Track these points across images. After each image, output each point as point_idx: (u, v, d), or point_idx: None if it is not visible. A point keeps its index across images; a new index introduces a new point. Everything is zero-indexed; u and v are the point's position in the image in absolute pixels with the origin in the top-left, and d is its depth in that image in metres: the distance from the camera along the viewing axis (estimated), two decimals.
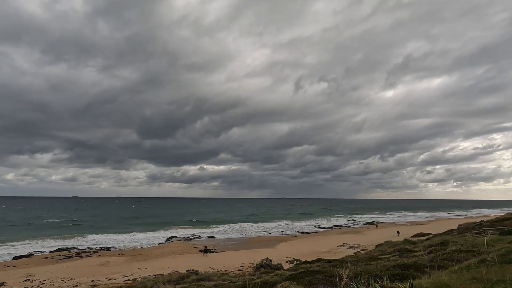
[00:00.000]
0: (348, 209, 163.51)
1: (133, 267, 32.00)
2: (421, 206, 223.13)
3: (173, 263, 33.28)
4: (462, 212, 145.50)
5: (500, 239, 15.54)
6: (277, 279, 11.22)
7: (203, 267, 28.06)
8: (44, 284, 26.08)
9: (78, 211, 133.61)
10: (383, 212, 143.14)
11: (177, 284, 15.59)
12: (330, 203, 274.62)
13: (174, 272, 25.04)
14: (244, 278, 14.10)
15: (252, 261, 30.44)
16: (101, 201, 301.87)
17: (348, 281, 7.50)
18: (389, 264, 12.68)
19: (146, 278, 20.43)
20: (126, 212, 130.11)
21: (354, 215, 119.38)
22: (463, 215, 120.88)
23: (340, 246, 43.16)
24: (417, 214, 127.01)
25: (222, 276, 16.94)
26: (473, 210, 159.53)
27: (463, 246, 15.45)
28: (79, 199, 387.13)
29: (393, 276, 9.12)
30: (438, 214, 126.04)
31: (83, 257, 39.35)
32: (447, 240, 20.96)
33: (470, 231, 30.44)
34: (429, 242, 22.86)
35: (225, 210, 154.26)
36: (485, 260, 8.70)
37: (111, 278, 27.22)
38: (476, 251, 12.69)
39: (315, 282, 10.39)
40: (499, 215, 53.08)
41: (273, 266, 20.00)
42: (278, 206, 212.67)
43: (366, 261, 15.47)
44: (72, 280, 27.12)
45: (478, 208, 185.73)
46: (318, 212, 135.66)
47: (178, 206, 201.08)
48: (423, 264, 11.26)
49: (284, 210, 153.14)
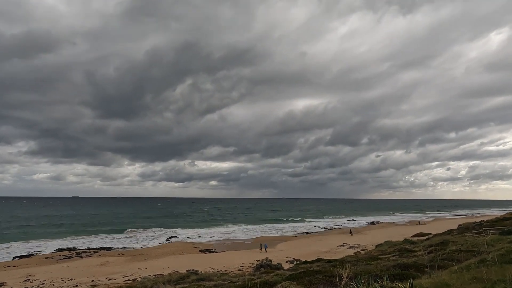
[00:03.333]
0: (349, 209, 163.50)
1: (133, 267, 31.99)
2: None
3: (173, 263, 33.28)
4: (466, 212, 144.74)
5: (500, 239, 15.53)
6: (277, 279, 11.22)
7: (203, 267, 28.05)
8: (44, 284, 26.07)
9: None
10: (395, 212, 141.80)
11: (177, 284, 15.58)
12: (332, 203, 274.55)
13: (174, 272, 25.02)
14: (244, 278, 14.08)
15: (252, 261, 30.46)
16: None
17: (348, 281, 7.49)
18: (389, 264, 12.67)
19: (146, 278, 20.41)
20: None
21: (355, 215, 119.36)
22: (463, 215, 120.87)
23: (340, 246, 43.15)
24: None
25: (222, 276, 16.93)
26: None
27: (463, 246, 15.43)
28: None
29: (393, 276, 9.12)
30: (440, 214, 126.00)
31: (83, 257, 39.35)
32: (447, 240, 20.93)
33: (470, 231, 30.40)
34: (429, 242, 22.83)
35: (225, 210, 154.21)
36: (485, 260, 8.69)
37: (111, 278, 27.21)
38: (476, 251, 12.67)
39: (315, 282, 10.38)
40: (499, 215, 53.09)
41: (273, 266, 19.97)
42: (278, 206, 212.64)
43: (366, 261, 15.46)
44: (72, 280, 27.11)
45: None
46: (319, 212, 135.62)
47: (167, 206, 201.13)
48: (423, 264, 11.25)
49: (284, 210, 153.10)
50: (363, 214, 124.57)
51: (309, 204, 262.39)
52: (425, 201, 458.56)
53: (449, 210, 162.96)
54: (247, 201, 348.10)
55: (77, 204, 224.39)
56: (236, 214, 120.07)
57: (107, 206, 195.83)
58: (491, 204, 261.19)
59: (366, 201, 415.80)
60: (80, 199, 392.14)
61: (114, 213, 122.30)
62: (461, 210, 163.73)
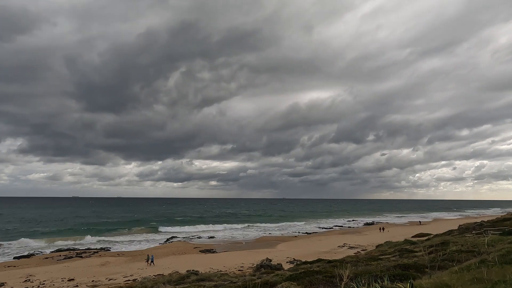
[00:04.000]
0: (350, 210, 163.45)
1: (133, 267, 31.99)
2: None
3: (173, 263, 33.28)
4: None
5: (500, 240, 15.52)
6: (277, 280, 11.21)
7: (203, 267, 28.04)
8: (45, 285, 26.07)
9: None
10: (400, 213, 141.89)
11: (177, 284, 15.58)
12: (332, 203, 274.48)
13: (174, 272, 25.01)
14: (245, 279, 14.08)
15: (252, 262, 30.43)
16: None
17: (349, 282, 7.49)
18: (389, 264, 12.66)
19: (146, 279, 20.42)
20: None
21: (355, 216, 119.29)
22: (464, 215, 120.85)
23: (341, 246, 43.13)
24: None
25: (222, 276, 16.92)
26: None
27: (463, 246, 15.42)
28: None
29: (393, 276, 9.11)
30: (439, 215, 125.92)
31: (83, 257, 39.36)
32: (447, 240, 20.92)
33: (470, 231, 30.38)
34: (429, 242, 22.82)
35: (225, 210, 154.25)
36: (486, 261, 8.69)
37: (111, 278, 27.22)
38: (477, 252, 12.67)
39: (316, 283, 10.37)
40: (500, 215, 53.07)
41: (273, 267, 19.96)
42: (278, 206, 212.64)
43: (366, 261, 15.45)
44: (72, 280, 27.11)
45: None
46: (319, 212, 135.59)
47: (165, 206, 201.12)
48: (424, 264, 11.24)
49: (284, 210, 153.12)
50: (363, 215, 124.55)
51: (309, 204, 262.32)
52: (427, 201, 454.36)
53: (449, 210, 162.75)
54: (247, 201, 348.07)
55: (78, 204, 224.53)
56: (236, 214, 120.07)
57: (107, 206, 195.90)
58: (494, 204, 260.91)
59: (367, 202, 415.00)
60: (81, 199, 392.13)
61: (114, 213, 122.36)
62: (461, 210, 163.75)
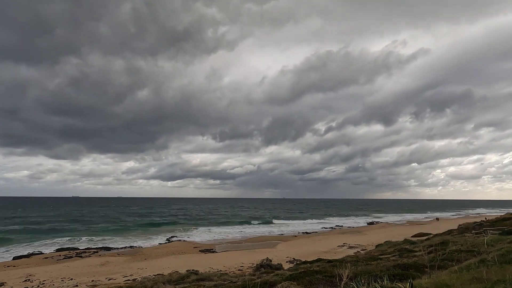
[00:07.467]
0: (350, 210, 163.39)
1: (133, 267, 31.98)
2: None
3: (173, 263, 33.28)
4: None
5: (500, 239, 15.53)
6: (277, 279, 11.22)
7: (203, 267, 28.06)
8: (44, 284, 26.07)
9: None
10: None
11: (177, 284, 15.59)
12: (332, 203, 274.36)
13: (174, 272, 25.01)
14: (244, 278, 14.09)
15: (252, 261, 30.46)
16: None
17: (348, 281, 7.50)
18: (389, 264, 12.67)
19: (146, 278, 20.42)
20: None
21: (355, 216, 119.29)
22: (464, 214, 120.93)
23: (340, 246, 43.14)
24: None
25: (222, 276, 16.93)
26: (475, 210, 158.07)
27: (463, 246, 15.44)
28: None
29: (393, 276, 9.12)
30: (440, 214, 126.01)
31: (83, 257, 39.34)
32: (447, 240, 20.95)
33: (470, 231, 30.43)
34: (429, 242, 22.84)
35: (224, 210, 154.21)
36: (485, 260, 8.70)
37: (111, 278, 27.22)
38: (476, 251, 12.69)
39: (315, 282, 10.38)
40: (499, 215, 53.10)
41: (273, 266, 19.98)
42: (278, 206, 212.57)
43: (366, 261, 15.46)
44: (72, 280, 27.11)
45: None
46: (319, 212, 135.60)
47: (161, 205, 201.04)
48: (423, 264, 11.26)
49: (284, 210, 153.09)
50: (363, 215, 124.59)
51: (309, 204, 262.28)
52: (434, 201, 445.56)
53: (450, 210, 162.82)
54: (247, 201, 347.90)
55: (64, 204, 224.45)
56: (235, 214, 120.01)
57: (100, 205, 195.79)
58: (497, 204, 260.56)
59: (368, 202, 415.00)
60: (80, 199, 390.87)
61: (114, 213, 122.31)
62: (462, 210, 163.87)
